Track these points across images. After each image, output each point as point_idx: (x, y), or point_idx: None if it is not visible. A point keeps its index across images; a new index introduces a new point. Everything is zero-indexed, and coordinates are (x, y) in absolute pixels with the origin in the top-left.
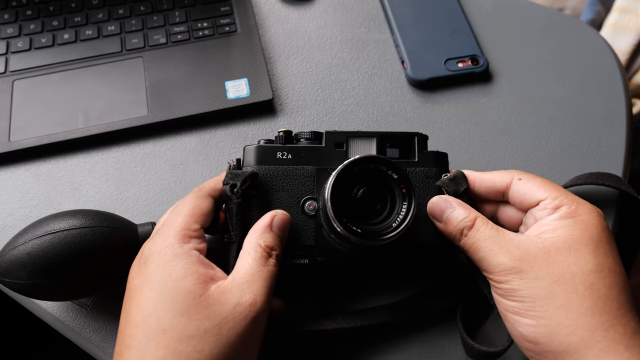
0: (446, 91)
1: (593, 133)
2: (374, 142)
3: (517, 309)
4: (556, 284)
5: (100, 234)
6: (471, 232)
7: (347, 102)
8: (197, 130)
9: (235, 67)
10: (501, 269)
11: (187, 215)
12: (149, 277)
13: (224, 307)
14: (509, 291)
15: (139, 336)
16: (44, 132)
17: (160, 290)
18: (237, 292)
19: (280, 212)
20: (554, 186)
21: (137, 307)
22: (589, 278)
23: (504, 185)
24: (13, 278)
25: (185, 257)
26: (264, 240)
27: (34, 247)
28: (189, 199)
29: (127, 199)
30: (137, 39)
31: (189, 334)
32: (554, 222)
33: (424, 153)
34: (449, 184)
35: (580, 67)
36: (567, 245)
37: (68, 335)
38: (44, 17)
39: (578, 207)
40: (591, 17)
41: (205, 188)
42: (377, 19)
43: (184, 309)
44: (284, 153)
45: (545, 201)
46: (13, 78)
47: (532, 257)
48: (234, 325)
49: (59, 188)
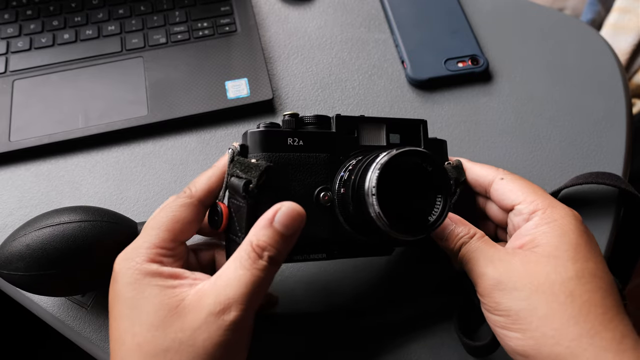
0: (446, 91)
1: (593, 133)
2: (384, 128)
3: (504, 323)
4: (535, 294)
5: (100, 229)
6: (467, 246)
7: (347, 102)
8: (197, 130)
9: (235, 67)
10: (484, 280)
11: (164, 229)
12: (120, 293)
13: (198, 317)
14: (493, 306)
15: (118, 352)
16: (44, 132)
17: (133, 307)
18: (212, 299)
19: (287, 204)
20: (532, 189)
21: (114, 323)
22: (569, 285)
23: (487, 182)
24: (11, 270)
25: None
26: (258, 238)
27: (33, 238)
28: (172, 209)
29: (127, 199)
30: (137, 38)
31: (163, 347)
32: (531, 232)
33: (428, 140)
34: (452, 171)
35: (580, 67)
36: (545, 254)
37: (68, 335)
38: (44, 17)
39: (553, 211)
40: (591, 17)
41: (196, 193)
42: (377, 18)
43: (157, 323)
44: (295, 139)
45: (520, 205)
46: (13, 78)
47: (512, 268)
48: (208, 336)
49: (59, 188)
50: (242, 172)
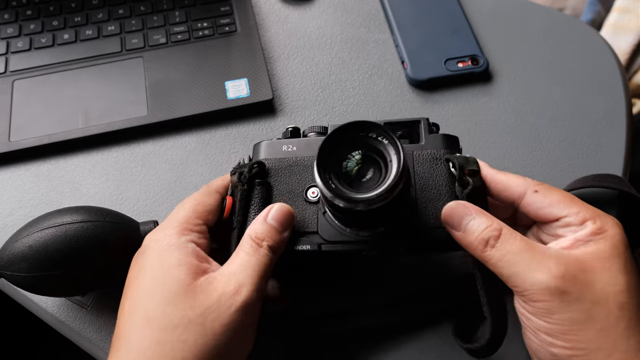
0: (446, 91)
1: (593, 133)
2: None
3: (553, 331)
4: (595, 306)
5: (102, 229)
6: (499, 244)
7: (347, 102)
8: (197, 130)
9: (235, 67)
10: (539, 287)
11: (189, 209)
12: (144, 265)
13: (209, 297)
14: (544, 311)
15: (126, 326)
16: (44, 132)
17: (152, 278)
18: (223, 281)
19: (278, 204)
20: (573, 201)
21: (130, 297)
22: (621, 298)
23: (517, 194)
24: (14, 271)
25: (180, 248)
26: (255, 231)
27: (35, 239)
28: (195, 195)
29: (127, 199)
30: (137, 39)
31: (173, 323)
32: (584, 238)
33: (431, 136)
34: (458, 158)
35: (580, 67)
36: (601, 264)
37: (68, 335)
38: (44, 17)
39: (603, 222)
40: (591, 17)
41: (213, 185)
42: (377, 18)
43: (170, 298)
44: (289, 146)
45: (567, 218)
46: (13, 78)
47: (572, 275)
48: (218, 316)
49: (59, 188)
50: (238, 169)
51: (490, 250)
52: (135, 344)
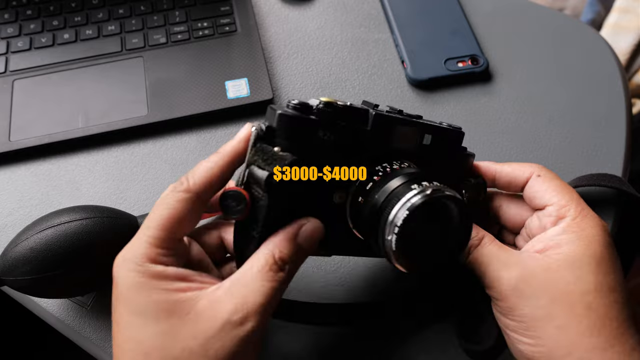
0: (446, 91)
1: (593, 133)
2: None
3: (516, 328)
4: (554, 303)
5: (102, 225)
6: (477, 250)
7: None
8: (197, 130)
9: (235, 67)
10: (500, 284)
11: (160, 228)
12: (123, 297)
13: (212, 325)
14: (507, 309)
15: (122, 358)
16: (44, 131)
17: (138, 313)
18: (230, 306)
19: (312, 222)
20: (567, 191)
21: (118, 327)
22: (587, 297)
23: (524, 179)
24: (18, 275)
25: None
26: (280, 250)
27: (36, 241)
28: (167, 206)
29: (127, 199)
30: (137, 38)
31: (173, 356)
32: (557, 238)
33: (460, 155)
34: (470, 188)
35: (580, 67)
36: (568, 264)
37: (68, 335)
38: (44, 17)
39: (583, 220)
40: (591, 17)
41: (194, 186)
42: (377, 18)
43: (167, 330)
44: (326, 133)
45: (551, 207)
46: (13, 78)
47: (531, 274)
48: (222, 345)
49: (59, 187)
50: (264, 163)
51: (469, 256)
52: None
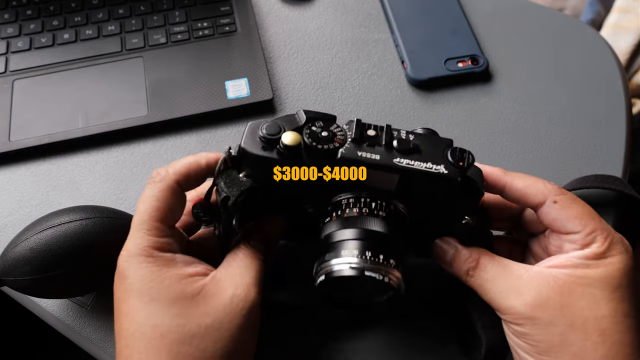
0: (446, 91)
1: (593, 133)
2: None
3: (530, 351)
4: (570, 329)
5: (102, 224)
6: (476, 273)
7: (347, 101)
8: (197, 130)
9: (235, 67)
10: (513, 312)
11: (153, 220)
12: (134, 287)
13: (221, 301)
14: (521, 333)
15: (136, 345)
16: (44, 131)
17: (152, 299)
18: (231, 283)
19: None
20: (591, 217)
21: (128, 318)
22: (602, 323)
23: (537, 202)
24: (18, 275)
25: (170, 265)
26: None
27: (36, 241)
28: (150, 198)
29: (127, 199)
30: (137, 38)
31: (190, 334)
32: (575, 260)
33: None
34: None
35: (580, 67)
36: (581, 288)
37: (67, 335)
38: (44, 17)
39: (609, 248)
40: (591, 17)
41: (174, 175)
42: (377, 18)
43: (181, 311)
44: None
45: (576, 235)
46: (13, 78)
47: (545, 299)
48: (233, 318)
49: (59, 187)
50: (225, 186)
51: (470, 279)
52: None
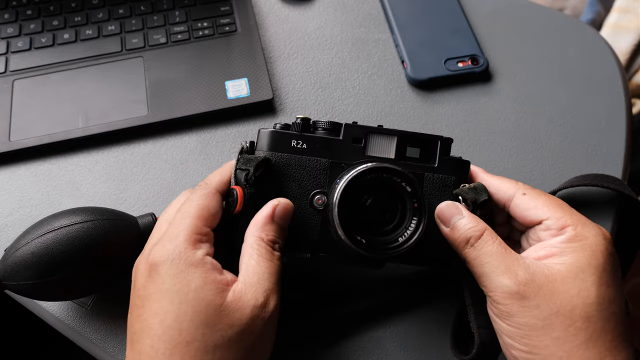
0: (446, 91)
1: (593, 133)
2: (394, 141)
3: (512, 334)
4: (555, 315)
5: (102, 227)
6: (478, 244)
7: (347, 101)
8: (197, 130)
9: (235, 67)
10: (503, 290)
11: (195, 217)
12: (164, 286)
13: (244, 313)
14: (506, 314)
15: (161, 347)
16: (44, 131)
17: (180, 301)
18: (251, 294)
19: (283, 202)
20: (558, 205)
21: (156, 318)
22: (588, 310)
23: (507, 197)
24: (20, 280)
25: (201, 266)
26: (266, 233)
27: (37, 245)
28: (197, 199)
29: (127, 199)
30: (137, 38)
31: (214, 344)
32: (560, 245)
33: (445, 159)
34: (468, 193)
35: (580, 67)
36: (573, 275)
37: (68, 335)
38: (44, 17)
39: (584, 229)
40: (591, 17)
41: (212, 184)
42: (377, 18)
43: (207, 320)
44: (299, 142)
45: (548, 221)
46: (13, 78)
47: (537, 284)
48: (254, 329)
49: (59, 187)
50: (244, 165)
51: (469, 248)
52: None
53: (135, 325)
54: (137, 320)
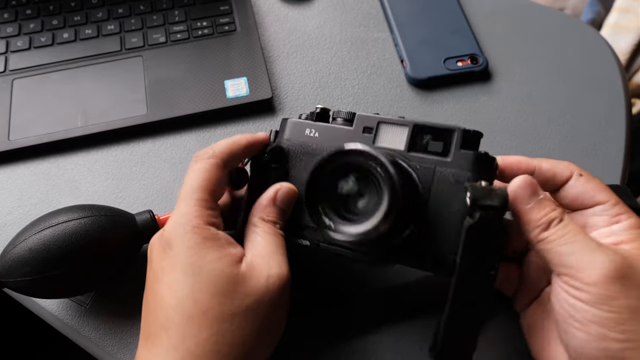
0: (445, 90)
1: (593, 133)
2: (406, 131)
3: (606, 321)
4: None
5: (100, 223)
6: (561, 224)
7: (346, 100)
8: (197, 129)
9: (234, 66)
10: (599, 268)
11: (203, 191)
12: (178, 260)
13: (259, 282)
14: (601, 298)
15: (176, 318)
16: (44, 130)
17: (194, 273)
18: (264, 264)
19: (285, 185)
20: (612, 191)
21: (170, 291)
22: None
23: (564, 178)
24: (18, 276)
25: (214, 239)
26: (267, 214)
27: (34, 242)
28: (200, 170)
29: (126, 197)
30: (137, 38)
31: (231, 312)
32: (625, 233)
33: (461, 153)
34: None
35: (580, 67)
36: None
37: (66, 333)
38: (44, 16)
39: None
40: (591, 17)
41: (219, 154)
42: (377, 18)
43: (223, 290)
44: (312, 130)
45: (604, 205)
46: (13, 77)
47: (630, 262)
48: (270, 298)
49: (58, 186)
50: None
51: (553, 228)
52: (192, 336)
53: (149, 298)
54: (151, 294)
